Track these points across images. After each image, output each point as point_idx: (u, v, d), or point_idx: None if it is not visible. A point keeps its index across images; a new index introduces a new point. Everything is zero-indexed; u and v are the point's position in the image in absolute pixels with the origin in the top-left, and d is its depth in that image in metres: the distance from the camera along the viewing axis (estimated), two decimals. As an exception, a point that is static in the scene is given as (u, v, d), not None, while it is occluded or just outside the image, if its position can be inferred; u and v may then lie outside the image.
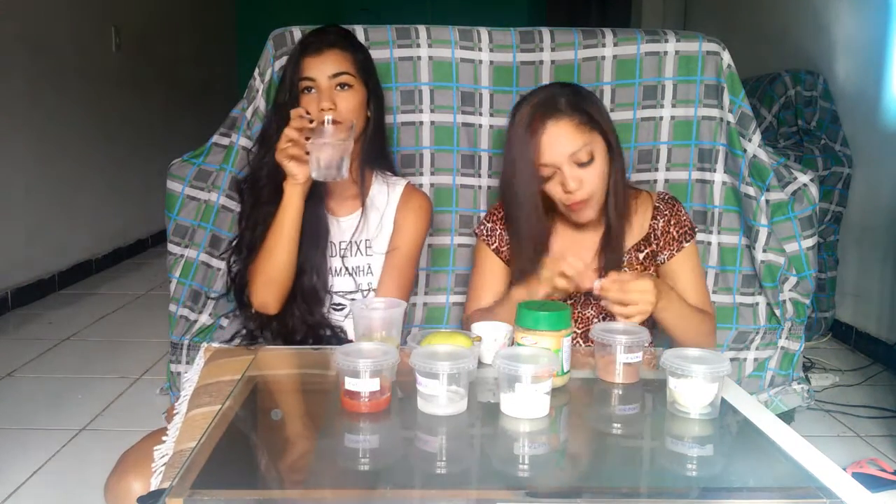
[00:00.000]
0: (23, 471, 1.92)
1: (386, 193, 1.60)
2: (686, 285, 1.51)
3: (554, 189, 1.43)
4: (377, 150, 1.59)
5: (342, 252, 1.57)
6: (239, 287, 1.57)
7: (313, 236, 1.52)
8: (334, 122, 1.39)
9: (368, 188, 1.58)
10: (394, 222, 1.59)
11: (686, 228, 1.53)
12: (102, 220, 4.17)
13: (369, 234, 1.57)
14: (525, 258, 1.49)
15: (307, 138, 1.37)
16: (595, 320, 1.51)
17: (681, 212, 1.54)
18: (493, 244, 1.58)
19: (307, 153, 1.38)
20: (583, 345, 1.50)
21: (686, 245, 1.52)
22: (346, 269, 1.57)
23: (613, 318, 1.33)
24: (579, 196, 1.40)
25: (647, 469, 1.02)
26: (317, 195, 1.52)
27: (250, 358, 1.29)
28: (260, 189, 1.54)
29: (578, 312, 1.53)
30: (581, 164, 1.39)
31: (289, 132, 1.40)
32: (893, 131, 2.86)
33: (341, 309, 1.57)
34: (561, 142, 1.38)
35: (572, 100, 1.41)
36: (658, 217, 1.53)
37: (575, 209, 1.43)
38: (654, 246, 1.53)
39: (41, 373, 2.62)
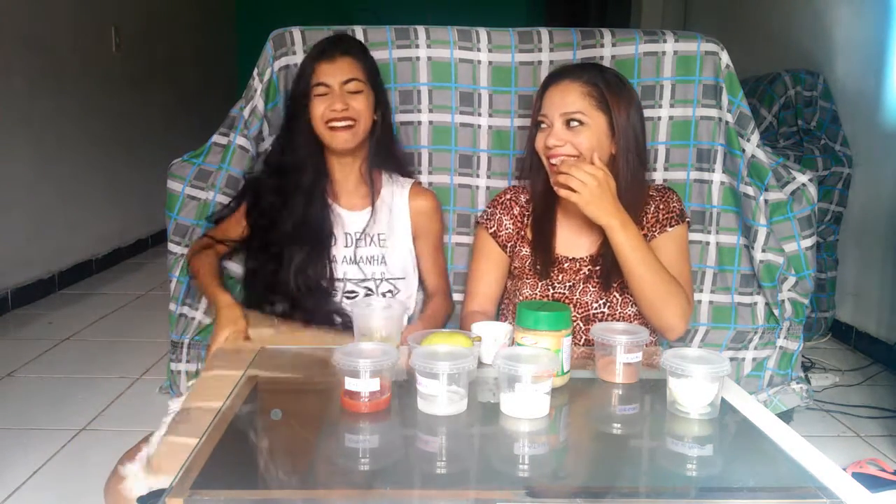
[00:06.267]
0: (23, 471, 1.92)
1: (393, 193, 1.69)
2: (665, 264, 1.47)
3: (539, 142, 1.52)
4: (385, 152, 1.68)
5: (356, 243, 1.63)
6: (252, 288, 1.64)
7: (317, 232, 1.59)
8: None
9: (379, 189, 1.67)
10: (412, 228, 1.68)
11: (674, 214, 1.55)
12: (102, 220, 4.17)
13: (382, 229, 1.65)
14: (538, 222, 1.57)
15: None
16: (594, 304, 1.52)
17: (671, 199, 1.57)
18: (491, 228, 1.62)
19: None
20: (582, 326, 1.52)
21: (670, 229, 1.54)
22: (359, 258, 1.63)
23: (609, 304, 1.34)
24: (558, 150, 1.48)
25: (647, 469, 1.02)
26: (322, 192, 1.62)
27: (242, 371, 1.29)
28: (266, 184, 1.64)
29: (577, 299, 1.53)
30: (569, 126, 1.46)
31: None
32: (893, 131, 2.86)
33: (355, 296, 1.63)
34: (559, 98, 1.48)
35: (590, 74, 1.49)
36: (650, 203, 1.57)
37: (552, 168, 1.49)
38: (645, 230, 1.54)
39: (41, 373, 2.61)
